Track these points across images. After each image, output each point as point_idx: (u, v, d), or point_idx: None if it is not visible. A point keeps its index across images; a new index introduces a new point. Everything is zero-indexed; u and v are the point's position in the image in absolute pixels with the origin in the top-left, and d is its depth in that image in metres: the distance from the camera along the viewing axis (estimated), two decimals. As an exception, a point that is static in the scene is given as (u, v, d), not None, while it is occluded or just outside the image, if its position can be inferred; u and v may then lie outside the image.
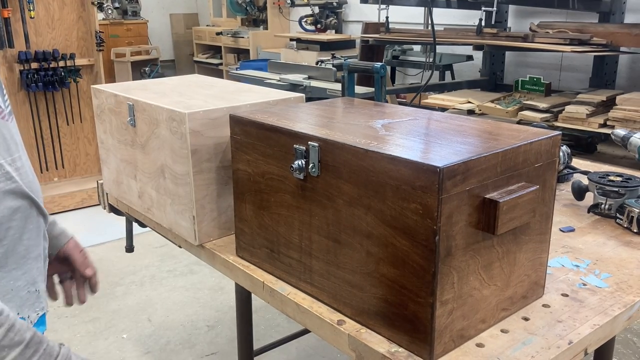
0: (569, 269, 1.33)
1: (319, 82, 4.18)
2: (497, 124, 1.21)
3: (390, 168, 0.98)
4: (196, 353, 2.66)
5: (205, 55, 8.50)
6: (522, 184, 1.06)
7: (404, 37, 4.52)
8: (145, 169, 1.64)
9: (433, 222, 0.93)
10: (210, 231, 1.51)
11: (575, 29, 3.74)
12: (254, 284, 1.35)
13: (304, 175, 1.16)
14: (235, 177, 1.37)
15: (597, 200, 1.62)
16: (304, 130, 1.17)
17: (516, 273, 1.12)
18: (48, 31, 4.14)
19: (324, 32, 6.35)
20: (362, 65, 1.80)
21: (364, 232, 1.06)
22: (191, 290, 3.21)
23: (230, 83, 1.86)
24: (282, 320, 2.88)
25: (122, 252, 3.14)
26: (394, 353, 1.03)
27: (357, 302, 1.12)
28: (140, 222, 1.84)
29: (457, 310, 1.02)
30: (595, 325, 1.10)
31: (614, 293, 1.22)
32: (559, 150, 1.14)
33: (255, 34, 7.22)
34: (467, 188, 0.96)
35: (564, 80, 4.61)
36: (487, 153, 0.99)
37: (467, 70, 5.21)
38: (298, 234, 1.22)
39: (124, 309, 3.02)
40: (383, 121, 1.25)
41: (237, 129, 1.33)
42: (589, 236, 1.50)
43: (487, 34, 4.01)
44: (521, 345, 1.05)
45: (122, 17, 8.27)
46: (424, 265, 0.96)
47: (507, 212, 1.00)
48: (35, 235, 0.99)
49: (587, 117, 3.36)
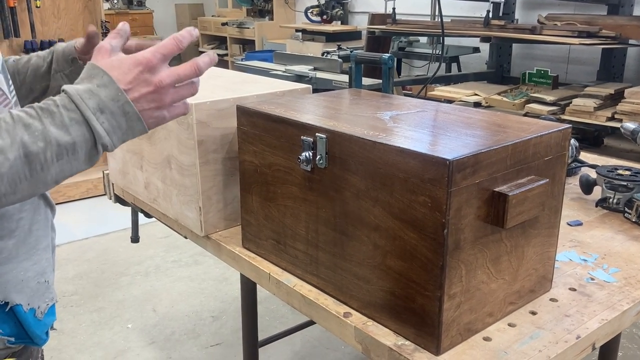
0: (577, 263, 1.32)
1: (324, 74, 4.16)
2: (506, 117, 1.20)
3: (398, 160, 0.98)
4: (201, 343, 2.67)
5: (211, 46, 8.47)
6: (532, 177, 1.05)
7: (410, 28, 4.49)
8: (151, 159, 1.63)
9: (442, 215, 0.92)
10: (216, 222, 1.50)
11: (583, 21, 3.71)
12: (259, 275, 1.34)
13: (311, 167, 1.15)
14: (242, 169, 1.36)
15: (605, 194, 1.60)
16: (312, 122, 1.16)
17: (524, 267, 1.12)
18: (54, 21, 4.13)
19: (330, 23, 6.32)
20: (370, 56, 1.79)
21: (372, 224, 1.05)
22: (196, 281, 3.21)
23: (236, 74, 1.85)
24: (286, 312, 2.88)
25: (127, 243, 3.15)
26: (400, 346, 1.03)
27: (364, 294, 1.11)
28: (146, 213, 1.84)
29: (465, 304, 1.01)
30: (604, 320, 1.10)
31: (623, 288, 1.21)
32: (569, 144, 1.13)
33: (261, 25, 7.19)
34: (476, 181, 0.95)
35: (571, 73, 4.58)
36: (497, 146, 0.98)
37: (474, 63, 5.18)
38: (304, 225, 1.21)
39: (128, 299, 3.03)
40: (391, 113, 1.24)
41: (244, 120, 1.32)
42: (596, 230, 1.49)
43: (494, 25, 3.98)
44: (529, 339, 1.04)
45: (127, 7, 8.26)
46: (432, 258, 0.96)
47: (517, 206, 0.99)
48: (43, 226, 0.99)
49: (594, 110, 3.34)
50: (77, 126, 0.77)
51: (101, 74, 0.80)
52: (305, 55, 4.75)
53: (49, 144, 0.75)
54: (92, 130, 0.78)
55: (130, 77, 0.80)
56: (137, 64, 0.81)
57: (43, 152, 0.75)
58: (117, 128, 0.80)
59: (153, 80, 0.81)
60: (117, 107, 0.79)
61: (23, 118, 0.75)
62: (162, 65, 0.83)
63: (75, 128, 0.77)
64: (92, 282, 3.20)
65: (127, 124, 0.81)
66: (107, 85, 0.79)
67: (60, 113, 0.77)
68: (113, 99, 0.79)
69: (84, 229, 3.80)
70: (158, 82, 0.82)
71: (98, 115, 0.78)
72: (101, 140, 0.79)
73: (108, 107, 0.79)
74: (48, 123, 0.76)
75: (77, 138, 0.77)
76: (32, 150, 0.74)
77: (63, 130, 0.76)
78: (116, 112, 0.79)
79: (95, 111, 0.78)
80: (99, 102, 0.78)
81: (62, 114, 0.77)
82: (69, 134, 0.77)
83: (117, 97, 0.79)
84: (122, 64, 0.81)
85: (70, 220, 3.91)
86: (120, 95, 0.79)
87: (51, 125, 0.76)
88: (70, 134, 0.77)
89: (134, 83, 0.80)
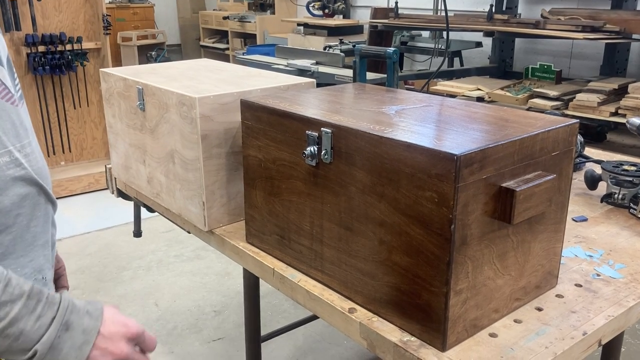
0: (582, 259, 1.32)
1: (326, 68, 4.15)
2: (512, 111, 1.19)
3: (405, 155, 0.97)
4: (203, 338, 2.67)
5: (212, 40, 8.45)
6: (539, 173, 1.04)
7: (413, 22, 4.48)
8: (154, 153, 1.63)
9: (449, 210, 0.92)
10: (220, 217, 1.50)
11: (587, 16, 3.69)
12: (264, 270, 1.34)
13: (316, 162, 1.15)
14: (246, 163, 1.35)
15: (611, 189, 1.60)
16: (317, 116, 1.15)
17: (530, 263, 1.11)
18: (55, 14, 4.11)
19: (332, 17, 6.30)
20: (374, 50, 1.78)
21: (377, 220, 1.05)
22: (198, 276, 3.21)
23: (240, 68, 1.84)
24: (288, 307, 2.88)
25: (129, 237, 3.14)
26: (406, 342, 1.02)
27: (369, 290, 1.11)
28: (149, 207, 1.83)
29: (471, 300, 1.01)
30: (610, 316, 1.09)
31: (629, 284, 1.21)
32: (576, 139, 1.12)
33: (262, 19, 7.17)
34: (483, 176, 0.94)
35: (573, 68, 4.56)
36: (505, 141, 0.97)
37: (476, 57, 5.17)
38: (309, 221, 1.21)
39: (131, 294, 3.03)
40: (396, 107, 1.23)
41: (248, 114, 1.31)
42: (602, 226, 1.48)
43: (497, 20, 3.97)
44: (535, 335, 1.04)
45: (128, 0, 8.22)
46: (438, 254, 0.95)
47: (524, 201, 0.98)
48: (42, 223, 0.98)
49: (598, 105, 3.33)
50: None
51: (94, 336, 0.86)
52: (307, 50, 4.73)
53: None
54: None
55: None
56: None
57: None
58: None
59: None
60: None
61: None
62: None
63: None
64: (94, 277, 3.20)
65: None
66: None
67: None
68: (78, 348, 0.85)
69: (85, 223, 3.80)
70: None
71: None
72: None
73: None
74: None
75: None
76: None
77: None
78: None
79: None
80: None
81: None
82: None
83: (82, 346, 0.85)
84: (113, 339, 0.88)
85: (72, 215, 3.91)
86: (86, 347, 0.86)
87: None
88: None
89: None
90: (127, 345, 0.90)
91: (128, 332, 0.90)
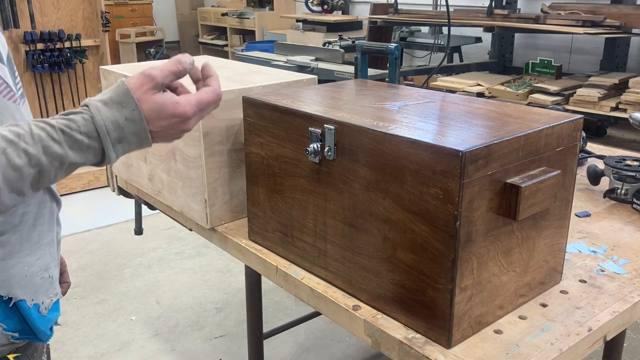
0: (586, 254, 1.31)
1: (326, 64, 4.14)
2: (516, 107, 1.18)
3: (409, 152, 0.96)
4: (205, 335, 2.66)
5: (211, 37, 8.43)
6: (544, 169, 1.03)
7: (413, 18, 4.47)
8: (155, 151, 1.62)
9: (454, 207, 0.91)
10: (222, 214, 1.49)
11: (587, 10, 3.68)
12: (267, 268, 1.34)
13: (319, 159, 1.14)
14: (248, 161, 1.35)
15: (613, 185, 1.59)
16: (320, 113, 1.14)
17: (535, 259, 1.11)
18: (53, 11, 4.10)
19: (331, 13, 6.28)
20: (376, 46, 1.77)
21: (381, 216, 1.04)
22: (199, 273, 3.21)
23: (240, 64, 1.84)
24: (290, 303, 2.88)
25: (129, 234, 3.14)
26: (411, 339, 1.02)
27: (373, 287, 1.10)
28: (150, 205, 1.83)
29: (476, 297, 1.00)
30: (615, 312, 1.09)
31: (633, 279, 1.20)
32: (580, 135, 1.12)
33: (261, 15, 7.15)
34: (488, 172, 0.94)
35: (573, 63, 4.55)
36: (509, 137, 0.96)
37: (476, 53, 5.15)
38: (312, 218, 1.20)
39: (132, 291, 3.03)
40: (399, 103, 1.22)
41: (250, 111, 1.30)
42: (605, 221, 1.48)
43: (497, 15, 3.96)
44: (540, 332, 1.03)
45: (126, -3, 8.20)
46: (443, 251, 0.95)
47: (529, 198, 0.98)
48: (48, 221, 0.97)
49: (598, 100, 3.32)
50: (93, 153, 0.81)
51: (133, 106, 0.81)
52: (306, 46, 4.72)
53: (62, 164, 0.79)
54: (104, 156, 0.82)
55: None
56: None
57: (55, 170, 0.79)
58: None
59: (183, 128, 0.86)
60: (136, 140, 0.83)
61: (44, 139, 0.77)
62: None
63: (90, 153, 0.81)
64: (95, 274, 3.19)
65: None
66: (135, 121, 0.82)
67: (82, 140, 0.79)
68: (136, 134, 0.82)
69: (86, 221, 3.79)
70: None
71: (116, 145, 0.82)
72: (107, 161, 0.83)
73: (127, 139, 0.82)
74: (67, 148, 0.79)
75: (89, 160, 0.82)
76: (46, 170, 0.78)
77: (79, 153, 0.80)
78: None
79: (115, 142, 0.81)
80: (120, 135, 0.82)
81: (83, 141, 0.80)
82: (83, 157, 0.81)
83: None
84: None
85: (73, 212, 3.90)
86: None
87: (70, 150, 0.79)
88: (84, 157, 0.81)
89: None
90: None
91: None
